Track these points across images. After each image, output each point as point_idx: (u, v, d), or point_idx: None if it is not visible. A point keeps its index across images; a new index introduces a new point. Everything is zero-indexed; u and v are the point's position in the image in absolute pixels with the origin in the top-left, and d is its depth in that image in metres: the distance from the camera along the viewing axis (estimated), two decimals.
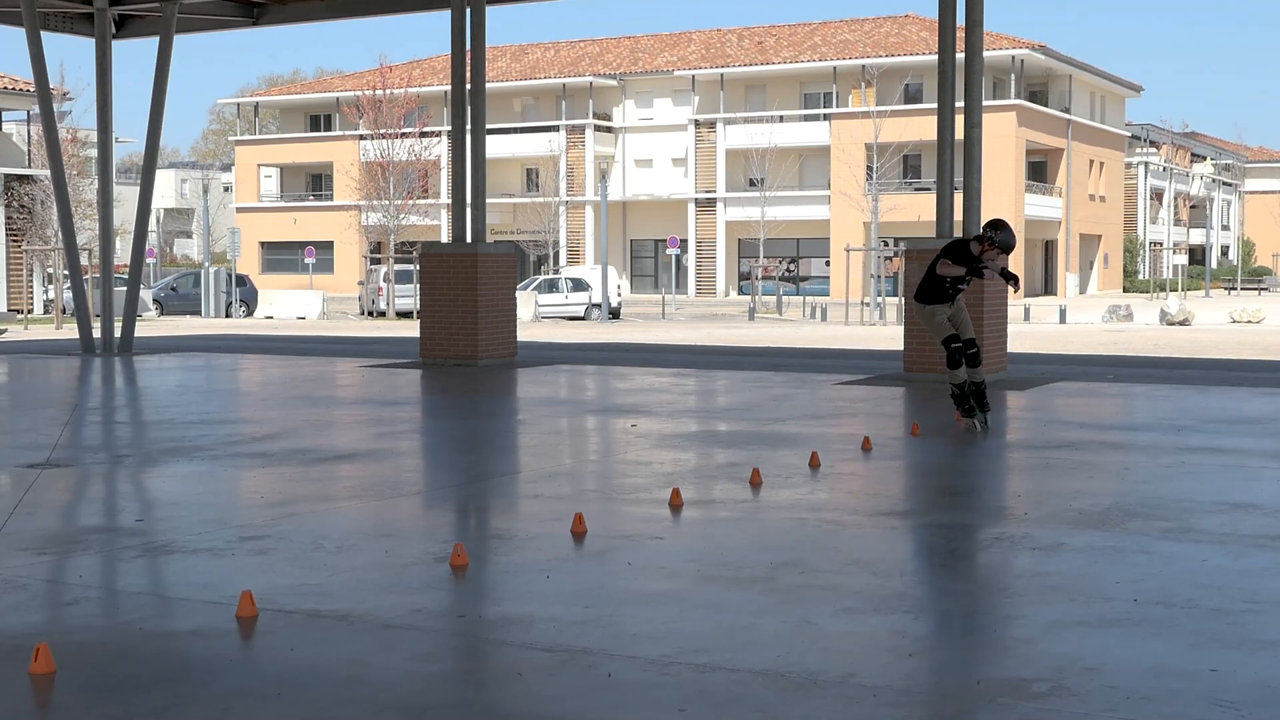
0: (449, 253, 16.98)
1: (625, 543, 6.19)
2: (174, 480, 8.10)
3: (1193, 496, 7.34)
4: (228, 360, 18.40)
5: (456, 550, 5.73)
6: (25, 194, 39.57)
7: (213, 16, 20.69)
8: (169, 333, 28.99)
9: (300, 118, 76.08)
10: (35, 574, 5.57)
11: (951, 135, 14.66)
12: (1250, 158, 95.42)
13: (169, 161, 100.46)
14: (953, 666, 4.44)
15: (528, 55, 73.26)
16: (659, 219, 66.79)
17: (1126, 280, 74.57)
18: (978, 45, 14.68)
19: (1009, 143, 59.26)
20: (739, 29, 71.33)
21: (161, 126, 19.74)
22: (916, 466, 8.87)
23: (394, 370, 16.20)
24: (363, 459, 8.88)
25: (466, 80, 17.03)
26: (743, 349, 22.92)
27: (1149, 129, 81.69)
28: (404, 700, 3.98)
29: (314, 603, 5.07)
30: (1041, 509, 7.01)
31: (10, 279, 39.30)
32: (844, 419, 11.16)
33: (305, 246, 58.85)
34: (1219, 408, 11.90)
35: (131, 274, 20.31)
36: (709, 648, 4.47)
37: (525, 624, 4.77)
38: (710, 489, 7.74)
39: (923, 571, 5.88)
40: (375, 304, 44.65)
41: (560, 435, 10.58)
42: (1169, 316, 38.19)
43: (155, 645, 4.57)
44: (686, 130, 66.33)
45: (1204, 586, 5.32)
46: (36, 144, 41.30)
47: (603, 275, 43.82)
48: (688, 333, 32.43)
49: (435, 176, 63.83)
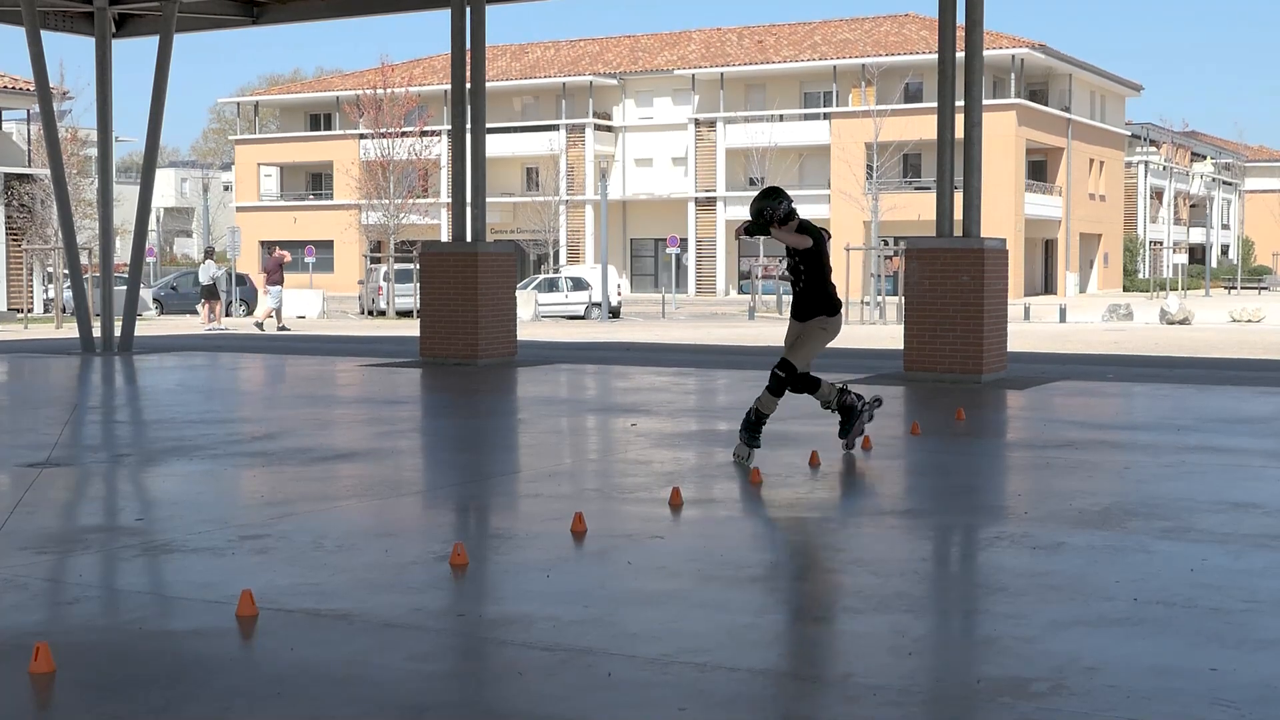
0: (449, 252, 16.98)
1: (625, 542, 6.18)
2: (174, 480, 8.10)
3: (1193, 496, 7.34)
4: (228, 359, 18.39)
5: (456, 550, 5.73)
6: (25, 193, 39.55)
7: (213, 16, 20.69)
8: (169, 332, 28.98)
9: (300, 117, 76.05)
10: (35, 573, 5.57)
11: (951, 134, 14.65)
12: (1250, 157, 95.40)
13: (169, 161, 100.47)
14: (953, 666, 4.43)
15: (528, 54, 73.26)
16: (659, 218, 66.77)
17: (1126, 279, 74.56)
18: (978, 44, 14.67)
19: (1009, 142, 59.25)
20: (739, 28, 71.32)
21: (161, 126, 19.73)
22: (916, 466, 8.87)
23: (394, 369, 16.20)
24: (363, 458, 8.88)
25: (466, 79, 17.03)
26: (743, 348, 22.92)
27: (1149, 128, 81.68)
28: (404, 700, 3.98)
29: (314, 602, 5.07)
30: (1041, 508, 7.01)
31: (10, 278, 39.28)
32: None
33: (305, 246, 58.84)
34: (1219, 407, 11.89)
35: (131, 273, 20.31)
36: (709, 647, 4.47)
37: (525, 623, 4.77)
38: (710, 488, 7.74)
39: (923, 571, 5.88)
40: (375, 303, 44.64)
41: (560, 434, 10.58)
42: (1169, 316, 38.18)
43: (155, 645, 4.57)
44: (686, 129, 66.31)
45: (1204, 586, 5.32)
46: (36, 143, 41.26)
47: (603, 274, 43.80)
48: (688, 332, 32.42)
49: (435, 176, 63.83)
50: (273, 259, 32.32)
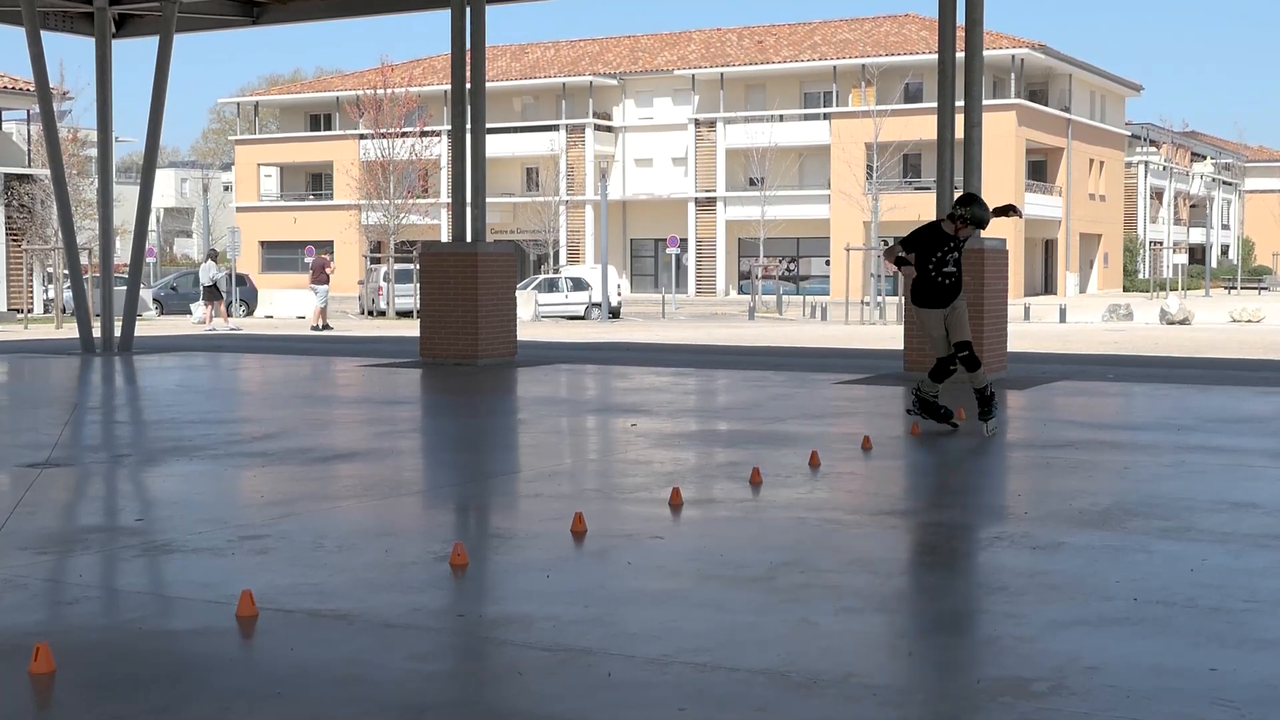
0: (449, 252, 16.98)
1: (625, 542, 6.18)
2: (174, 480, 8.10)
3: (1193, 496, 7.34)
4: (228, 360, 18.39)
5: (456, 549, 5.73)
6: (25, 194, 39.55)
7: (213, 16, 20.69)
8: (169, 332, 28.98)
9: (300, 117, 76.07)
10: (35, 573, 5.57)
11: (951, 134, 14.66)
12: (1250, 157, 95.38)
13: (169, 161, 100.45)
14: (953, 666, 4.43)
15: (528, 55, 73.26)
16: (659, 218, 66.78)
17: (1126, 280, 74.57)
18: (978, 44, 14.67)
19: (1009, 142, 59.26)
20: (739, 28, 71.33)
21: (161, 126, 19.74)
22: (916, 466, 8.87)
23: (394, 370, 16.20)
24: (363, 458, 8.88)
25: (466, 79, 17.03)
26: (743, 348, 22.91)
27: (1149, 128, 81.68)
28: (404, 700, 3.98)
29: (314, 602, 5.07)
30: (1041, 508, 7.01)
31: (10, 278, 39.29)
32: (844, 418, 11.16)
33: (305, 246, 58.83)
34: (1219, 407, 11.89)
35: (131, 273, 20.31)
36: (709, 647, 4.47)
37: (525, 623, 4.77)
38: (710, 488, 7.74)
39: (923, 571, 5.88)
40: (375, 303, 44.64)
41: (560, 434, 10.57)
42: (1169, 316, 38.19)
43: (155, 645, 4.57)
44: (686, 129, 66.32)
45: (1204, 585, 5.32)
46: (36, 144, 41.27)
47: (603, 275, 43.81)
48: (688, 332, 32.42)
49: (435, 176, 63.83)
50: (318, 259, 33.55)
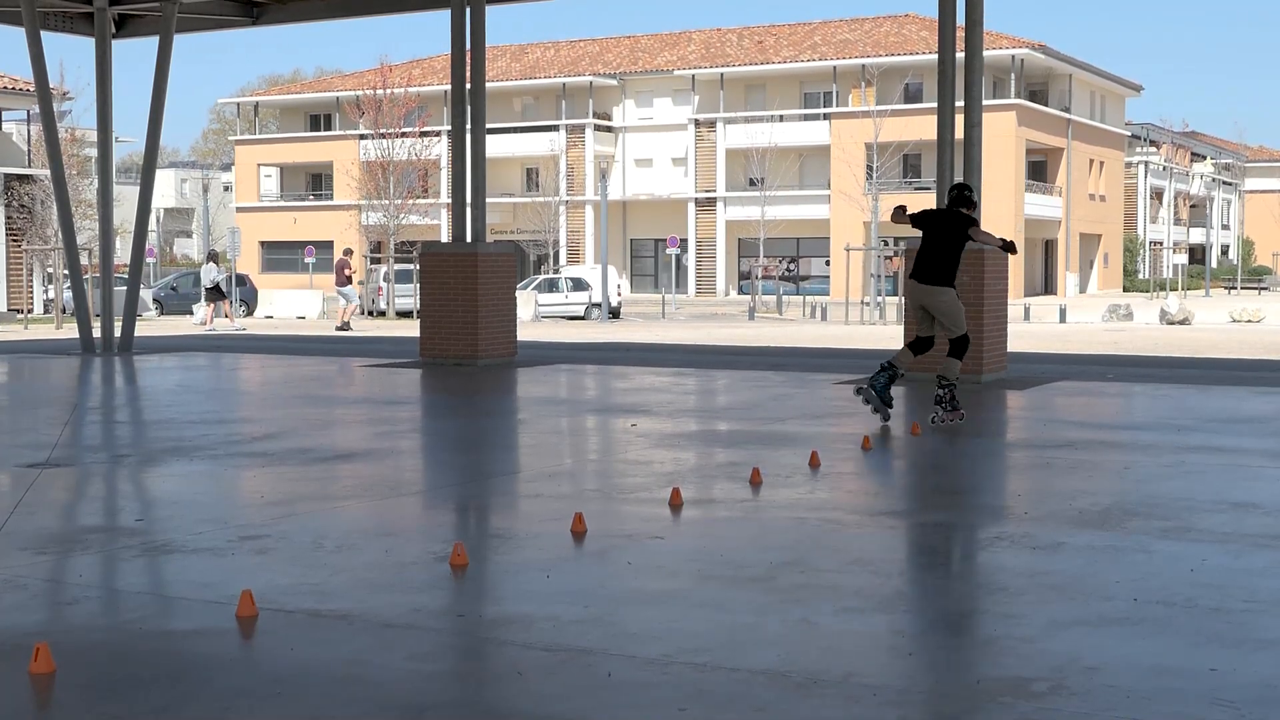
0: (449, 252, 16.98)
1: (625, 542, 6.18)
2: (174, 480, 8.10)
3: (1193, 496, 7.34)
4: (228, 360, 18.39)
5: (456, 550, 5.73)
6: (25, 194, 39.55)
7: (213, 16, 20.69)
8: (169, 332, 28.98)
9: (300, 117, 76.05)
10: (35, 574, 5.57)
11: (951, 135, 14.65)
12: (1250, 157, 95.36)
13: (169, 161, 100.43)
14: (953, 666, 4.44)
15: (528, 55, 73.25)
16: (659, 219, 66.76)
17: (1126, 280, 74.55)
18: (978, 45, 14.67)
19: (1009, 142, 59.24)
20: (739, 28, 71.31)
21: (161, 126, 19.73)
22: (916, 466, 8.87)
23: (394, 370, 16.20)
24: (363, 458, 8.88)
25: (466, 80, 17.03)
26: (743, 348, 22.92)
27: (1149, 128, 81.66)
28: (404, 700, 3.98)
29: (314, 602, 5.07)
30: (1041, 508, 7.01)
31: (10, 279, 39.28)
32: (844, 418, 11.16)
33: (305, 246, 58.82)
34: (1219, 407, 11.90)
35: (131, 274, 20.31)
36: (709, 647, 4.47)
37: (525, 623, 4.77)
38: (710, 488, 7.74)
39: (923, 571, 5.88)
40: (375, 303, 44.64)
41: (560, 435, 10.58)
42: (1169, 316, 38.18)
43: (155, 645, 4.57)
44: (686, 130, 66.30)
45: (1204, 586, 5.32)
46: (36, 144, 41.26)
47: (603, 275, 43.80)
48: (688, 332, 32.42)
49: (435, 176, 63.79)
50: (339, 260, 34.00)
